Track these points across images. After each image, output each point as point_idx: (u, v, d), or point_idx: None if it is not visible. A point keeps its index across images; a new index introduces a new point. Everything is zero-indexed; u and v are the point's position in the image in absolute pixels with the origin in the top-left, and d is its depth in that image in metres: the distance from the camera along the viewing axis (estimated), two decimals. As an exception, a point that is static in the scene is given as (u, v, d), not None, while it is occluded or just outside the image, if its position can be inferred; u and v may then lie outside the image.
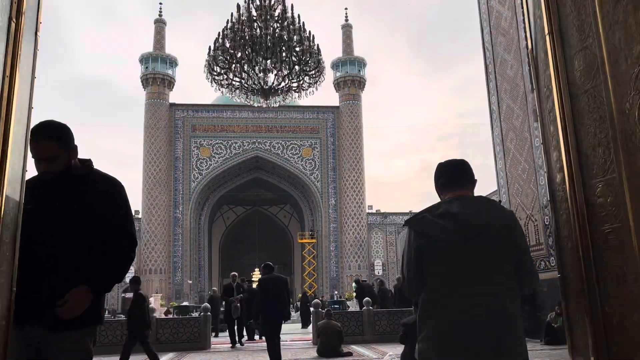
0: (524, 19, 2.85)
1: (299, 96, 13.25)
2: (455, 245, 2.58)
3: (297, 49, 11.96)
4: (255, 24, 11.62)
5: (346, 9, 54.32)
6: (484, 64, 14.44)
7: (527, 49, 2.83)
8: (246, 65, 11.78)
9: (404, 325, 7.89)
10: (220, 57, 11.90)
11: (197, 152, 49.29)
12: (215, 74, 12.22)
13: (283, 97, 12.85)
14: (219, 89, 12.62)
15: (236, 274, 17.05)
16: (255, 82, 12.13)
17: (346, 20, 53.97)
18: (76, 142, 3.13)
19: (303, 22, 12.24)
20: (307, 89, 12.99)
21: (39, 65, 2.59)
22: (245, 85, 12.33)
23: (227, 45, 11.63)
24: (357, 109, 51.95)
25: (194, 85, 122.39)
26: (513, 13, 12.94)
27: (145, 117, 49.04)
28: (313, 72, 12.60)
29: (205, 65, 12.37)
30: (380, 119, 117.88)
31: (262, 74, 12.03)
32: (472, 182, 2.89)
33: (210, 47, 12.06)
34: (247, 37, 11.40)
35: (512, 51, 12.90)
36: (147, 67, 49.73)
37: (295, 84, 12.76)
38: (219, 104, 53.33)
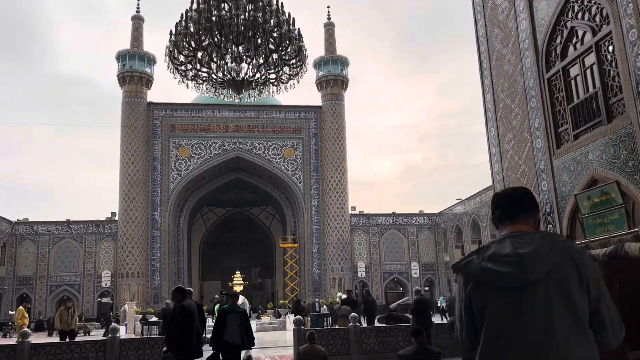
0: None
1: (277, 90, 11.13)
2: (510, 293, 2.26)
3: (274, 34, 10.10)
4: (225, 4, 9.78)
5: (329, 7, 53.53)
6: (477, 59, 13.51)
7: None
8: (214, 53, 9.94)
9: (400, 358, 6.90)
10: (184, 44, 10.00)
11: (175, 152, 48.02)
12: (177, 63, 10.29)
13: (259, 91, 10.89)
14: (183, 82, 10.59)
15: (191, 289, 13.07)
16: (226, 74, 10.22)
17: (329, 18, 53.17)
18: (53, 143, 2.09)
19: (282, 3, 10.35)
20: (287, 82, 11.06)
21: (15, 64, 1.49)
22: (214, 77, 10.38)
23: (192, 29, 9.82)
24: (339, 109, 51.13)
25: (173, 84, 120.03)
26: (511, 4, 12.04)
27: (122, 116, 47.64)
28: (294, 61, 10.69)
29: (165, 53, 10.41)
30: (362, 119, 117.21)
31: (233, 63, 10.12)
32: (532, 213, 2.50)
33: (171, 31, 10.16)
34: (214, 20, 9.51)
35: (510, 45, 11.99)
36: (124, 65, 48.31)
37: (273, 76, 10.84)
38: (199, 103, 52.12)
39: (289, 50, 10.35)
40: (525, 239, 2.33)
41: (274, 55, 10.13)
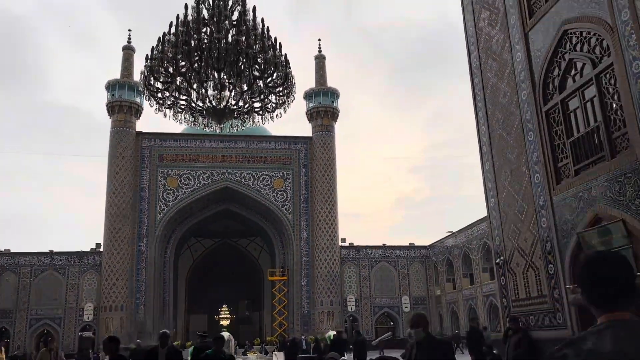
0: None
1: (262, 119, 10.32)
2: None
3: (259, 59, 9.30)
4: (206, 28, 9.06)
5: (319, 40, 53.94)
6: (471, 91, 13.16)
7: None
8: (193, 79, 9.12)
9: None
10: (161, 69, 9.14)
11: (164, 182, 47.33)
12: (153, 90, 9.43)
13: (242, 120, 10.01)
14: (160, 110, 9.66)
15: (166, 331, 9.08)
16: (206, 102, 9.36)
17: (319, 51, 53.46)
18: (40, 172, 1.54)
19: (267, 27, 9.56)
20: (272, 112, 10.20)
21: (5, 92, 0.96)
22: (193, 104, 9.49)
23: (170, 54, 9.02)
24: (330, 140, 50.90)
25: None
26: (505, 35, 11.74)
27: (110, 146, 47.07)
28: (280, 89, 9.83)
29: (140, 79, 9.70)
30: (353, 151, 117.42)
31: (214, 91, 9.31)
32: (635, 295, 2.00)
33: (147, 55, 9.37)
34: (193, 43, 8.81)
35: (506, 76, 11.64)
36: (113, 95, 47.98)
37: (258, 104, 10.00)
38: (188, 133, 51.66)
39: (274, 77, 9.66)
40: (631, 332, 1.89)
41: (259, 83, 9.49)
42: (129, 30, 50.32)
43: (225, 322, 48.86)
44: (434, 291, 52.00)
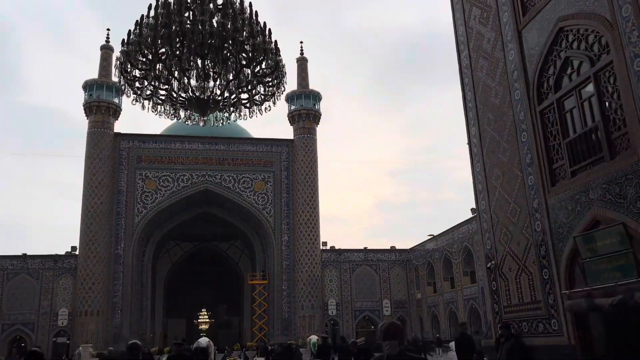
0: None
1: (250, 113, 9.31)
2: None
3: (247, 46, 8.40)
4: (188, 12, 8.19)
5: (301, 42, 53.67)
6: (461, 91, 12.84)
7: None
8: (174, 66, 8.21)
9: None
10: (139, 55, 8.21)
11: (142, 184, 46.43)
12: (129, 77, 8.53)
13: (227, 113, 9.06)
14: (139, 102, 8.77)
15: (136, 342, 7.75)
16: (189, 92, 8.48)
17: (301, 53, 53.10)
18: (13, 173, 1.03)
19: (256, 11, 8.69)
20: (261, 104, 9.28)
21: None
22: (174, 95, 8.57)
23: (149, 39, 8.09)
24: (311, 143, 50.50)
25: (143, 115, 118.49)
26: (497, 34, 11.44)
27: (87, 147, 46.04)
28: (269, 79, 8.95)
29: (115, 66, 8.70)
30: (333, 154, 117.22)
31: (197, 81, 8.45)
32: None
33: (123, 40, 8.48)
34: (174, 28, 7.89)
35: (497, 76, 11.34)
36: (90, 95, 46.96)
37: (245, 96, 9.07)
38: (167, 135, 50.93)
39: (263, 66, 8.80)
40: None
41: (247, 72, 8.67)
42: (108, 29, 49.37)
43: (204, 327, 47.95)
44: (415, 295, 51.84)
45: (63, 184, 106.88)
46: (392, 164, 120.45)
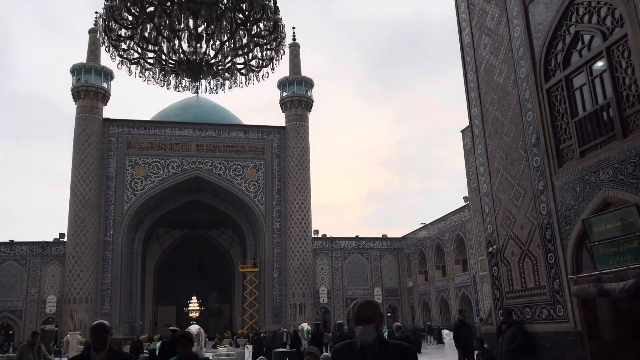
0: None
1: (246, 80, 8.45)
2: None
3: (243, 4, 7.65)
4: None
5: (294, 28, 52.69)
6: (463, 71, 12.41)
7: None
8: (163, 25, 7.37)
9: None
10: (124, 12, 7.40)
11: (131, 171, 45.76)
12: (113, 38, 7.58)
13: (221, 80, 8.25)
14: (125, 66, 7.92)
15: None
16: (180, 55, 7.62)
17: (294, 39, 52.21)
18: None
19: None
20: (258, 70, 8.38)
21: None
22: (163, 58, 7.72)
23: None
24: (303, 130, 49.99)
25: (133, 101, 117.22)
26: (502, 10, 11.00)
27: (75, 132, 45.22)
28: (266, 41, 8.08)
29: (98, 26, 7.83)
30: (325, 143, 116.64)
31: (188, 43, 7.61)
32: None
33: None
34: None
35: (502, 54, 10.91)
36: (78, 79, 46.06)
37: (240, 60, 8.21)
38: (157, 121, 50.25)
39: (261, 26, 7.98)
40: None
41: (242, 32, 7.81)
42: (96, 12, 48.26)
43: (194, 315, 47.60)
44: (406, 283, 51.77)
45: (52, 170, 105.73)
46: (384, 153, 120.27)
